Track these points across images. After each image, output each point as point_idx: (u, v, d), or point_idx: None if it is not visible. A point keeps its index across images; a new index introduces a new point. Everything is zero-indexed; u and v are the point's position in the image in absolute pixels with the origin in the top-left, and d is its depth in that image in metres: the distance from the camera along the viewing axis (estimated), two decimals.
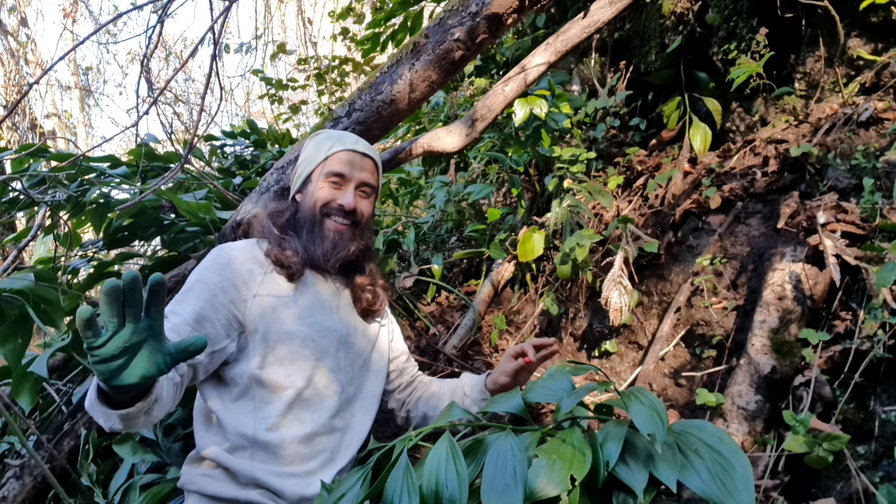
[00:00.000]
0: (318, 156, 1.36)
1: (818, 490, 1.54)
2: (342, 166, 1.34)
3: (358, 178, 1.35)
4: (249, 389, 1.22)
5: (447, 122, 3.24)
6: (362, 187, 1.36)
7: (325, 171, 1.34)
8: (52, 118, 7.78)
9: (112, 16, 7.21)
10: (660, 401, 0.83)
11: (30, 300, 1.38)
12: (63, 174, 1.80)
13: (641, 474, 0.77)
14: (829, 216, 1.91)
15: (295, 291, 1.30)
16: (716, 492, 0.75)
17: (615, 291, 2.24)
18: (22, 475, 1.60)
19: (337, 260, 1.32)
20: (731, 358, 1.97)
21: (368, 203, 1.39)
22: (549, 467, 0.79)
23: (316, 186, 1.34)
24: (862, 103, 2.25)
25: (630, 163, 2.95)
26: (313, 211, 1.33)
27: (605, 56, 3.38)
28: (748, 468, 0.76)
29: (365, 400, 1.38)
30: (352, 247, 1.33)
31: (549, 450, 0.82)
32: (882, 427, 1.52)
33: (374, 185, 1.39)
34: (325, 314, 1.32)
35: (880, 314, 1.62)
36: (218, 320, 1.20)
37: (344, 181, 1.34)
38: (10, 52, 6.70)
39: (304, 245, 1.32)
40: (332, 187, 1.33)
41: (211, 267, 1.25)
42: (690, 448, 0.81)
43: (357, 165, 1.35)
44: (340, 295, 1.39)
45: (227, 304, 1.21)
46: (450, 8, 1.70)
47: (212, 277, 1.23)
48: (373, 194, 1.40)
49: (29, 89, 1.31)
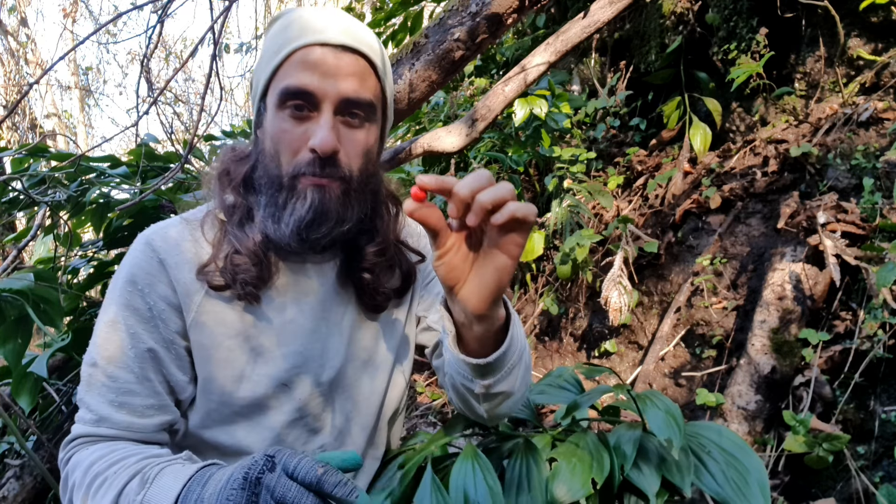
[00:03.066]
0: (271, 60, 0.78)
1: (818, 490, 1.54)
2: (306, 76, 0.75)
3: (336, 92, 0.76)
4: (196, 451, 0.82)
5: (447, 122, 3.24)
6: (348, 109, 0.78)
7: (279, 88, 0.76)
8: (52, 118, 7.78)
9: (112, 16, 7.20)
10: (675, 405, 0.82)
11: (30, 300, 1.38)
12: (63, 174, 1.79)
13: (654, 478, 0.76)
14: (829, 216, 1.91)
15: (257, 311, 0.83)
16: (731, 495, 0.74)
17: (615, 291, 2.24)
18: (22, 475, 1.60)
19: (319, 238, 0.79)
20: (731, 358, 1.97)
21: (363, 136, 0.80)
22: (570, 472, 0.76)
23: (272, 119, 0.78)
24: (862, 103, 2.25)
25: (630, 163, 2.95)
26: (275, 168, 0.78)
27: (605, 56, 3.38)
28: (762, 470, 0.76)
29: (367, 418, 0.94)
30: (345, 215, 0.79)
31: (567, 454, 0.79)
32: (882, 427, 1.52)
33: (367, 100, 0.78)
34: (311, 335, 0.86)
35: (880, 314, 1.62)
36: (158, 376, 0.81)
37: (312, 104, 0.76)
38: (10, 52, 6.71)
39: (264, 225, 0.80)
40: (295, 120, 0.77)
41: (120, 288, 0.80)
42: (704, 450, 0.80)
43: (332, 70, 0.76)
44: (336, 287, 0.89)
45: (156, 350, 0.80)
46: (450, 8, 1.70)
47: (121, 310, 0.79)
48: (371, 119, 0.81)
49: (29, 89, 1.31)
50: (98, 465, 0.71)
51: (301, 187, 0.77)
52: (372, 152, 0.83)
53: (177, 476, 0.65)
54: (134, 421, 0.77)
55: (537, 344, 2.77)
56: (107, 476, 0.69)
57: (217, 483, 0.60)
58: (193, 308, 0.80)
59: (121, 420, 0.77)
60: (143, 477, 0.66)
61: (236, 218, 0.83)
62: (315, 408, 0.87)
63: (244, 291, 0.80)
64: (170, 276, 0.80)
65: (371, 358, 0.93)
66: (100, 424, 0.77)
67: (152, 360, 0.79)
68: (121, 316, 0.79)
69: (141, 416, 0.78)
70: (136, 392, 0.78)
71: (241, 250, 0.80)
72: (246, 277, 0.79)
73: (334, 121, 0.77)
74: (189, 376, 0.83)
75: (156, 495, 0.63)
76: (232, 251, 0.81)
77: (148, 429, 0.79)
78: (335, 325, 0.89)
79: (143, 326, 0.79)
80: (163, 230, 0.84)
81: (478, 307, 0.67)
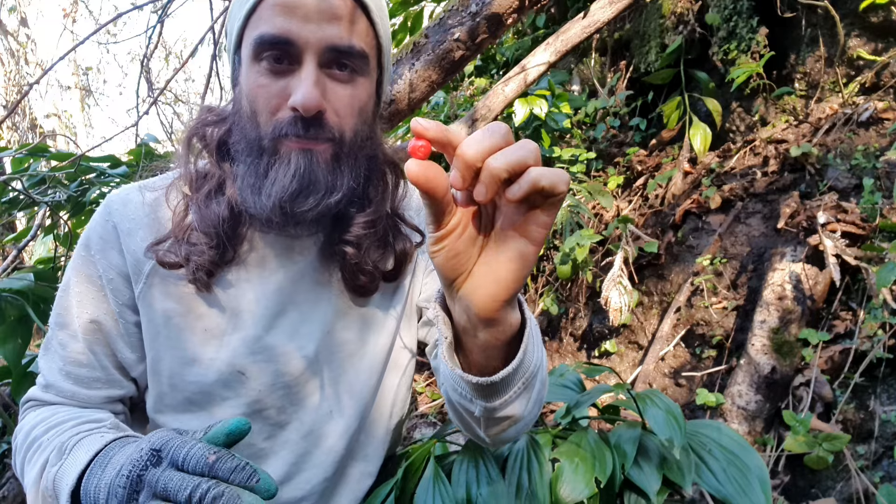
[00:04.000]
0: (244, 2, 0.67)
1: (818, 490, 1.54)
2: (283, 21, 0.64)
3: (319, 39, 0.64)
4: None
5: (447, 122, 3.24)
6: (335, 59, 0.66)
7: (253, 37, 0.65)
8: (52, 118, 7.79)
9: (112, 16, 7.20)
10: (675, 404, 0.82)
11: (30, 300, 1.38)
12: (63, 174, 1.80)
13: (654, 477, 0.76)
14: (829, 216, 1.91)
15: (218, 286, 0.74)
16: (732, 492, 0.74)
17: (615, 291, 2.24)
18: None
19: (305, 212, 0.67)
20: (731, 358, 1.97)
21: (354, 92, 0.68)
22: (574, 472, 0.76)
23: (248, 74, 0.67)
24: (862, 103, 2.25)
25: (630, 163, 2.95)
26: (253, 130, 0.68)
27: (605, 56, 3.38)
28: (763, 468, 0.76)
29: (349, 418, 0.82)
30: (336, 183, 0.68)
31: (569, 453, 0.78)
32: (882, 427, 1.52)
33: (358, 48, 0.66)
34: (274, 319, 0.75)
35: (880, 314, 1.62)
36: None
37: (292, 54, 0.65)
38: (10, 52, 6.71)
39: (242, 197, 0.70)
40: (273, 74, 0.65)
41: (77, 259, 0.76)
42: (704, 448, 0.80)
43: (314, 13, 0.64)
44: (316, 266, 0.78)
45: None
46: (450, 8, 1.70)
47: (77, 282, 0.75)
48: (362, 71, 0.69)
49: (29, 89, 1.32)
50: (37, 429, 0.70)
51: (284, 151, 0.66)
52: (366, 110, 0.70)
53: (88, 450, 0.60)
54: (79, 391, 0.75)
55: None
56: (41, 442, 0.67)
57: (113, 469, 0.55)
58: (142, 279, 0.73)
59: (66, 388, 0.75)
60: (62, 447, 0.63)
61: (204, 190, 0.72)
62: (277, 401, 0.76)
63: (195, 277, 0.71)
64: (121, 243, 0.73)
65: (357, 352, 0.80)
66: (47, 390, 0.76)
67: (96, 332, 0.75)
68: (73, 282, 0.75)
69: (87, 388, 0.75)
70: (83, 363, 0.75)
71: (202, 227, 0.71)
72: (200, 261, 0.70)
73: (318, 74, 0.65)
74: (138, 354, 0.77)
75: (66, 470, 0.59)
76: (191, 228, 0.71)
77: (93, 400, 0.76)
78: (309, 310, 0.77)
79: (92, 295, 0.74)
80: (124, 193, 0.77)
81: (486, 308, 0.49)
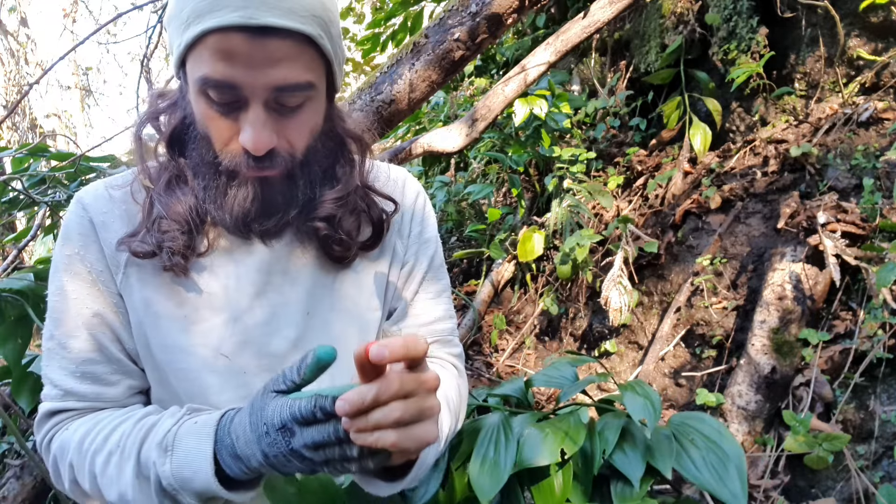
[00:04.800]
0: (181, 30, 0.63)
1: (818, 490, 1.54)
2: (226, 68, 0.61)
3: (265, 84, 0.62)
4: None
5: (447, 122, 3.24)
6: (282, 97, 0.64)
7: (196, 76, 0.63)
8: (52, 118, 7.79)
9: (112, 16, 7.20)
10: (656, 392, 0.85)
11: (30, 300, 1.38)
12: (63, 174, 1.79)
13: (638, 464, 0.79)
14: (829, 216, 1.92)
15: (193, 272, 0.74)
16: (709, 480, 0.76)
17: (615, 291, 2.24)
18: (22, 475, 1.60)
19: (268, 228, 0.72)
20: (731, 358, 1.97)
21: (305, 118, 0.68)
22: (541, 440, 0.82)
23: (196, 101, 0.66)
24: (862, 103, 2.25)
25: (630, 163, 2.95)
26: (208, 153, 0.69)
27: (605, 56, 3.38)
28: (742, 458, 0.78)
29: None
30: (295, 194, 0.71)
31: (543, 426, 0.85)
32: (882, 427, 1.52)
33: (304, 82, 0.65)
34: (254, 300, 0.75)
35: (880, 314, 1.62)
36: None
37: (238, 97, 0.63)
38: (10, 52, 6.71)
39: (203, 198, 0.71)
40: (219, 114, 0.65)
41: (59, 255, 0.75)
42: (687, 438, 0.83)
43: (258, 60, 0.61)
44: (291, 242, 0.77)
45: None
46: (450, 8, 1.70)
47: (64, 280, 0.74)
48: (312, 96, 0.67)
49: (29, 89, 1.32)
50: (90, 441, 0.68)
51: (241, 177, 0.68)
52: (318, 122, 0.71)
53: (199, 435, 0.61)
54: (101, 390, 0.74)
55: (537, 344, 2.77)
56: (110, 450, 0.66)
57: (247, 431, 0.57)
58: (120, 270, 0.74)
59: (86, 391, 0.73)
60: (162, 444, 0.62)
61: (163, 181, 0.73)
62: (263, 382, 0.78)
63: (171, 262, 0.71)
64: (98, 236, 0.74)
65: (343, 327, 0.80)
66: (66, 398, 0.73)
67: (101, 325, 0.74)
68: (63, 282, 0.74)
69: (107, 385, 0.74)
70: (95, 360, 0.74)
71: (171, 216, 0.71)
72: (173, 246, 0.70)
73: (266, 115, 0.64)
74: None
75: (188, 460, 0.60)
76: (160, 217, 0.72)
77: (118, 397, 0.75)
78: (289, 289, 0.77)
79: (87, 290, 0.74)
80: (93, 189, 0.77)
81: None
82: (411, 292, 0.85)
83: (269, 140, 0.65)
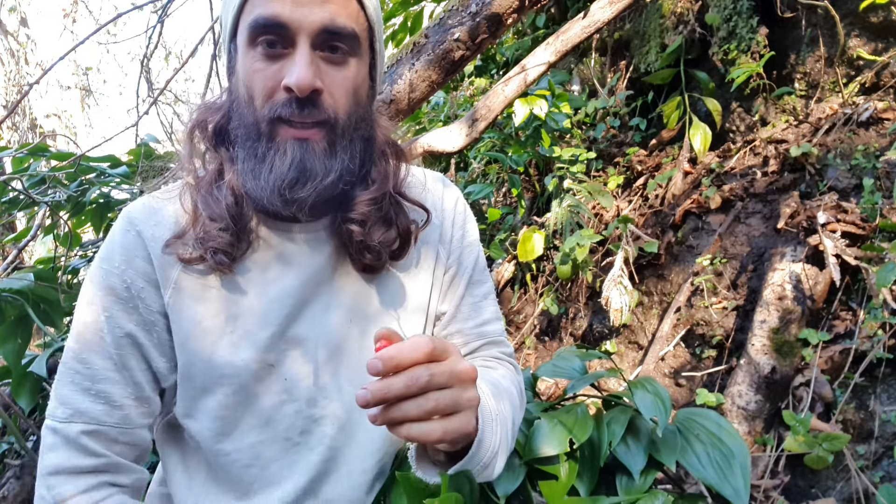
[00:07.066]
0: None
1: (818, 490, 1.54)
2: (276, 5, 0.65)
3: (312, 21, 0.65)
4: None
5: (447, 122, 3.24)
6: (328, 41, 0.67)
7: (247, 23, 0.67)
8: (52, 118, 7.79)
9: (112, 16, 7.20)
10: (665, 389, 0.85)
11: (30, 300, 1.38)
12: (63, 174, 1.80)
13: (640, 457, 0.79)
14: (829, 216, 1.92)
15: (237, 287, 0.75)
16: (713, 475, 0.76)
17: (615, 291, 2.24)
18: (22, 475, 1.60)
19: (304, 198, 0.69)
20: (731, 358, 1.97)
21: (348, 73, 0.70)
22: (550, 429, 0.82)
23: (243, 60, 0.69)
24: (862, 103, 2.25)
25: (630, 163, 2.95)
26: (250, 114, 0.69)
27: (605, 56, 3.38)
28: (747, 456, 0.78)
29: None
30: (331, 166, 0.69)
31: (553, 415, 0.85)
32: (882, 427, 1.52)
33: (350, 29, 0.68)
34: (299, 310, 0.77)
35: (880, 314, 1.62)
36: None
37: (286, 38, 0.66)
38: (10, 52, 6.71)
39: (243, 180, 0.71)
40: (268, 58, 0.67)
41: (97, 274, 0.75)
42: (692, 433, 0.83)
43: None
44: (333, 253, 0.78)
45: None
46: (450, 8, 1.70)
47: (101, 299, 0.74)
48: (355, 52, 0.70)
49: (29, 89, 1.32)
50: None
51: (280, 139, 0.68)
52: (360, 92, 0.72)
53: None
54: (110, 412, 0.72)
55: (537, 344, 2.77)
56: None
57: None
58: (170, 284, 0.73)
59: (96, 412, 0.71)
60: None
61: (206, 179, 0.74)
62: (306, 391, 0.77)
63: (215, 260, 0.71)
64: (147, 249, 0.73)
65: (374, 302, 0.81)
66: (72, 420, 0.71)
67: (131, 346, 0.73)
68: (97, 297, 0.73)
69: (117, 408, 0.72)
70: (114, 380, 0.72)
71: (209, 213, 0.72)
72: (216, 245, 0.71)
73: (312, 55, 0.66)
74: (172, 363, 0.76)
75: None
76: (205, 218, 0.72)
77: (120, 422, 0.73)
78: (333, 297, 0.78)
79: (121, 308, 0.73)
80: (142, 203, 0.78)
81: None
82: (458, 296, 0.86)
83: (313, 79, 0.66)
